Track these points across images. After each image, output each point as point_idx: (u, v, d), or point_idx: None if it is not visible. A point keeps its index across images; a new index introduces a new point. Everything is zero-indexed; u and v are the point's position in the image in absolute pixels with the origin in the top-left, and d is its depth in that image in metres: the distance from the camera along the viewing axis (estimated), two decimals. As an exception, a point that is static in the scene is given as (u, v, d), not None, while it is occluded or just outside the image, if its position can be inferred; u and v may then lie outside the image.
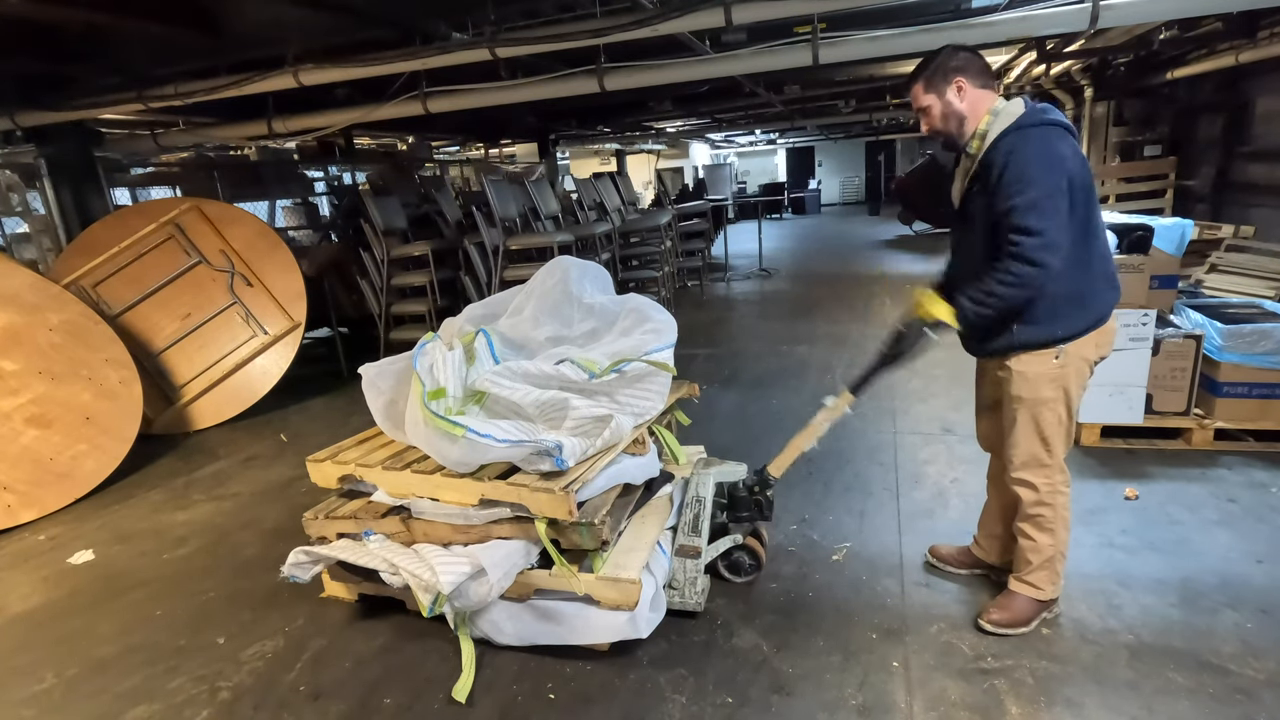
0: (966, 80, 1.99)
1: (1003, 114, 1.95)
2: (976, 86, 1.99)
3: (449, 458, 2.18)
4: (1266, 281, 4.69)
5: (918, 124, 2.16)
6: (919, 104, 2.07)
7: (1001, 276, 1.91)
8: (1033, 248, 1.86)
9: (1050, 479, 2.09)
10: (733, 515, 2.56)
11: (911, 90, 2.08)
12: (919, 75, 2.05)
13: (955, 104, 2.00)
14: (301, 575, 2.35)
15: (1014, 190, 1.87)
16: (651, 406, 2.44)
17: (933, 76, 2.02)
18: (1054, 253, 1.86)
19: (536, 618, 2.23)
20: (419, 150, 10.89)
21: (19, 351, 3.86)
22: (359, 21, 4.23)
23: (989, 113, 1.97)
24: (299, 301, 4.94)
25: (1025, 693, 1.95)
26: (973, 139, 2.00)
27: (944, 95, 2.01)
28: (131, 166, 7.60)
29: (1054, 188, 1.85)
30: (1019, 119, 1.91)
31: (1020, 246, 1.87)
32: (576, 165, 17.05)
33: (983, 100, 2.00)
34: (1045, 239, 1.85)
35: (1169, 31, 5.92)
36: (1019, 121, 1.91)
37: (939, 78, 2.01)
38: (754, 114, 10.66)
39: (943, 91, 2.01)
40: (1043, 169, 1.85)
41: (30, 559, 3.19)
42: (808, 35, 4.07)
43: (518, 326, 2.57)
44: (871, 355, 2.23)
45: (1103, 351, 2.06)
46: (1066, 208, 1.87)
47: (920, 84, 2.05)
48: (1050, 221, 1.85)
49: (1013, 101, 1.97)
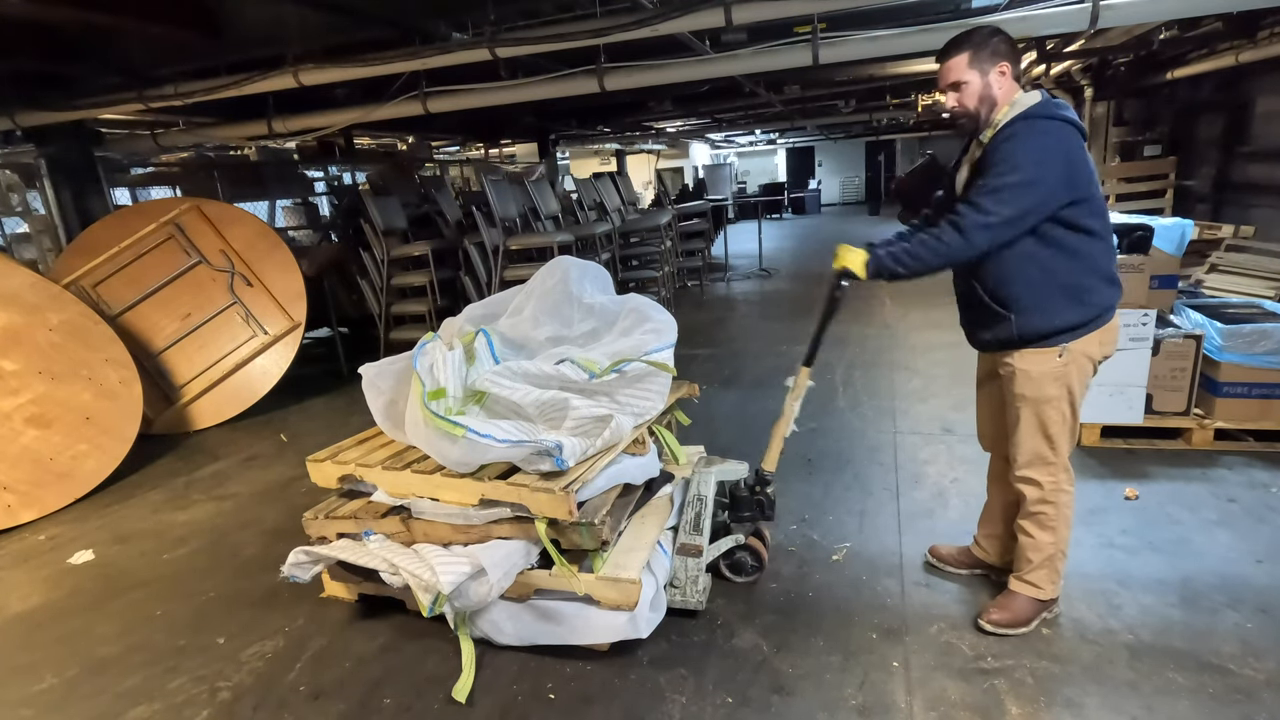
0: (1009, 67, 1.96)
1: (1019, 104, 1.94)
2: (1012, 75, 1.97)
3: (449, 458, 2.18)
4: (1266, 281, 4.69)
5: (918, 124, 2.16)
6: (957, 77, 1.96)
7: (926, 238, 1.94)
8: (972, 224, 1.87)
9: (1054, 477, 2.09)
10: (734, 515, 2.55)
11: (949, 61, 1.97)
12: (964, 46, 1.95)
13: (994, 87, 1.95)
14: (301, 575, 2.35)
15: (994, 172, 1.87)
16: (652, 406, 2.44)
17: (979, 51, 1.94)
18: (989, 236, 1.88)
19: (536, 618, 2.23)
20: (419, 150, 10.89)
21: (19, 351, 3.86)
22: (359, 21, 4.23)
23: (1009, 104, 1.96)
24: (299, 301, 4.94)
25: (1025, 693, 1.95)
26: (989, 127, 1.98)
27: (987, 75, 1.95)
28: (131, 166, 7.60)
29: (1032, 180, 1.84)
30: (1030, 108, 1.90)
31: (962, 218, 1.88)
32: (576, 165, 17.04)
33: (1012, 90, 1.98)
34: (988, 220, 1.86)
35: (1169, 31, 5.92)
36: (1029, 111, 1.90)
37: (986, 56, 1.93)
38: (754, 114, 10.66)
39: (987, 71, 1.94)
40: (1032, 160, 1.84)
41: (30, 559, 3.19)
42: (808, 35, 4.07)
43: (518, 326, 2.57)
44: (815, 326, 2.29)
45: (1106, 350, 2.05)
46: (1035, 203, 1.86)
47: (965, 55, 1.94)
48: (1005, 209, 1.85)
49: (1031, 94, 1.95)
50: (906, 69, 7.33)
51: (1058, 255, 1.94)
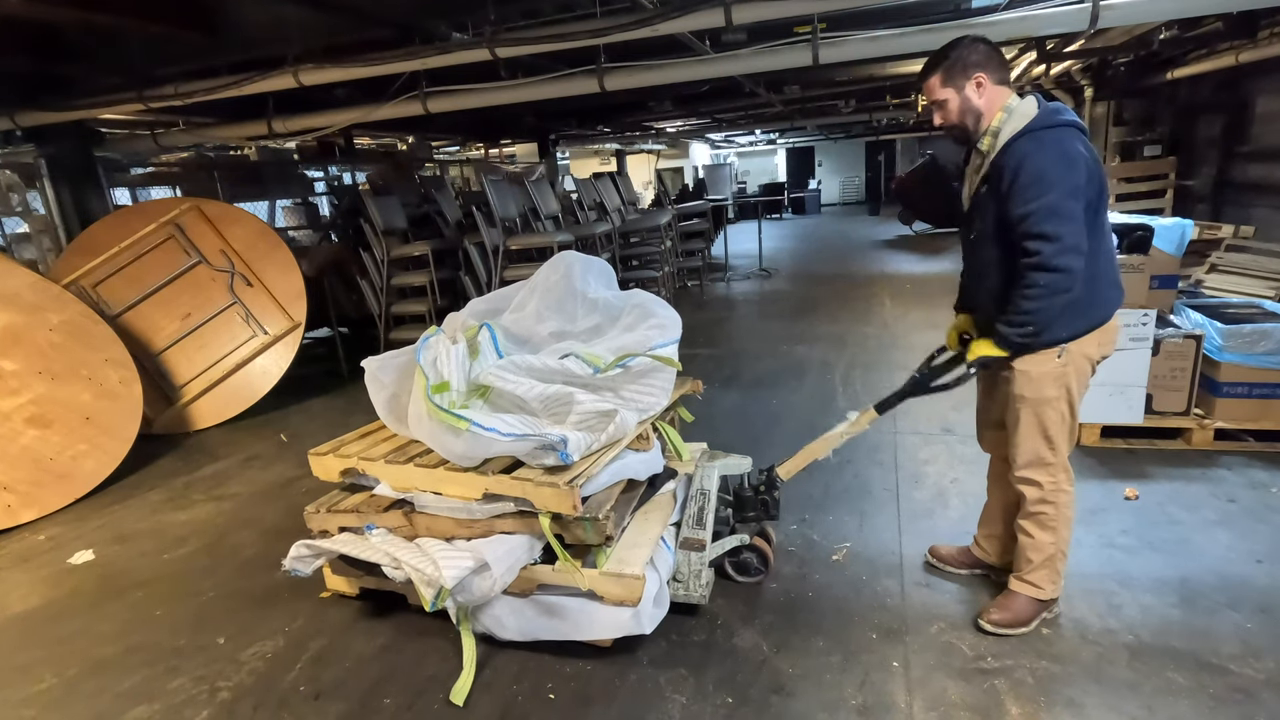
0: (986, 76, 1.94)
1: (1016, 113, 1.92)
2: (994, 82, 1.95)
3: (453, 451, 2.17)
4: (1266, 281, 4.69)
5: (918, 124, 2.17)
6: (935, 97, 2.00)
7: (1028, 291, 1.89)
8: (1052, 254, 1.83)
9: (1054, 477, 2.09)
10: (739, 515, 2.55)
11: (927, 82, 2.02)
12: (936, 67, 1.99)
13: (973, 100, 1.96)
14: (303, 569, 2.34)
15: (1030, 195, 1.84)
16: (656, 402, 2.43)
17: (951, 70, 1.96)
18: (1075, 255, 1.84)
19: (539, 613, 2.22)
20: (419, 150, 10.90)
21: (19, 351, 3.85)
22: (359, 21, 4.24)
23: (1003, 109, 1.94)
24: (299, 301, 4.94)
25: (1025, 693, 1.95)
26: (985, 135, 1.97)
27: (963, 90, 1.96)
28: (131, 166, 7.60)
29: (1071, 189, 1.83)
30: (1031, 121, 1.88)
31: (1041, 255, 1.84)
32: (576, 165, 17.05)
33: (999, 96, 1.96)
34: (1064, 243, 1.82)
35: (1169, 31, 5.92)
36: (1031, 125, 1.87)
37: (958, 71, 1.95)
38: (754, 114, 10.66)
39: (961, 86, 1.96)
40: (1059, 171, 1.82)
41: (30, 559, 3.19)
42: (808, 35, 4.07)
43: (521, 321, 2.55)
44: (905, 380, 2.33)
45: (1105, 350, 2.05)
46: (1082, 209, 1.85)
47: (938, 76, 1.98)
48: (1067, 225, 1.82)
49: (1025, 100, 1.93)
50: (906, 69, 7.33)
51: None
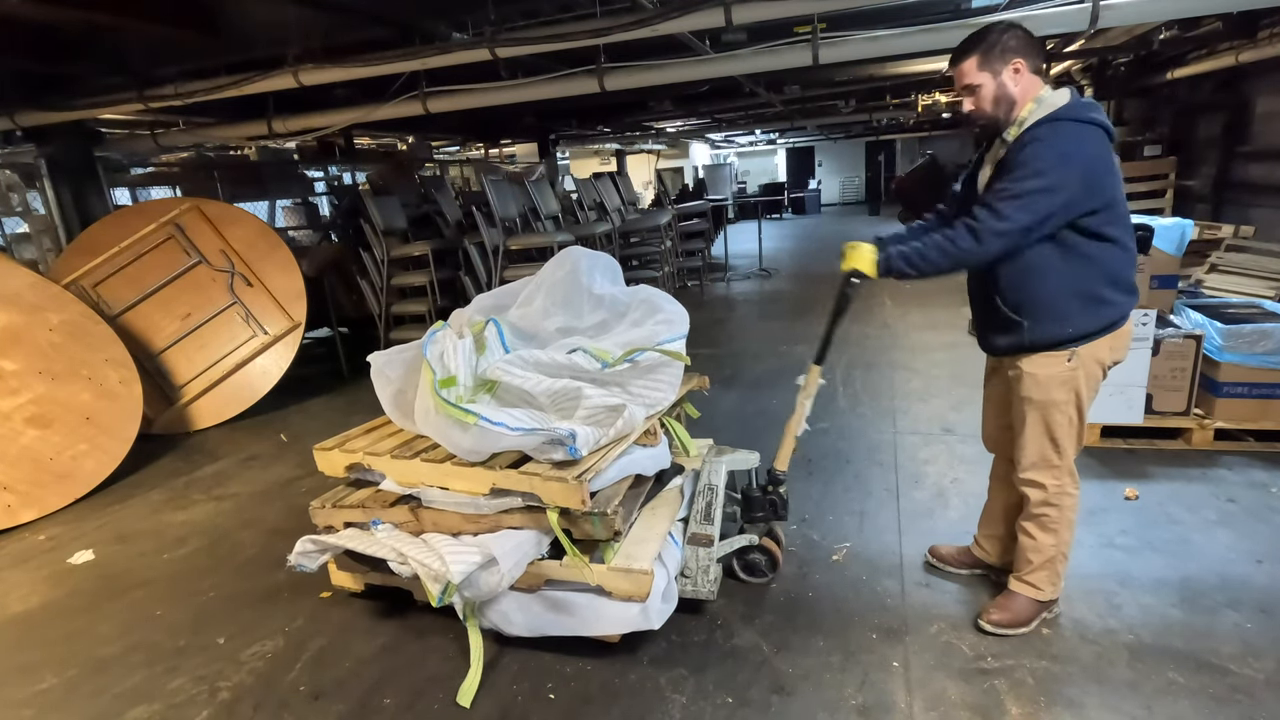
0: (1024, 63, 1.87)
1: (1045, 103, 1.87)
2: (1030, 70, 1.88)
3: (460, 446, 2.16)
4: (1266, 281, 4.69)
5: (918, 124, 2.14)
6: (969, 81, 1.92)
7: (940, 239, 1.90)
8: (988, 229, 1.84)
9: (1059, 480, 2.07)
10: (747, 515, 2.55)
11: (961, 65, 1.93)
12: (973, 50, 1.90)
13: (1010, 87, 1.89)
14: (308, 564, 2.34)
15: (1015, 175, 1.82)
16: (663, 397, 2.43)
17: (990, 53, 1.88)
18: (1003, 242, 1.84)
19: (547, 608, 2.20)
20: (419, 150, 10.89)
21: (19, 351, 3.85)
22: (359, 21, 4.23)
23: (1034, 100, 1.89)
24: (299, 301, 4.94)
25: (1025, 693, 1.95)
26: (1013, 125, 1.91)
27: (999, 75, 1.89)
28: (131, 166, 7.60)
29: (1053, 186, 1.79)
30: (1059, 109, 1.84)
31: (979, 222, 1.85)
32: (576, 165, 17.04)
33: (1033, 86, 1.90)
34: (1004, 226, 1.82)
35: (1169, 31, 5.93)
36: (1057, 113, 1.83)
37: (996, 56, 1.87)
38: (754, 114, 10.66)
39: (999, 71, 1.88)
40: (1055, 165, 1.79)
41: (30, 559, 3.19)
42: (808, 35, 4.07)
43: (528, 317, 2.52)
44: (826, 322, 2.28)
45: (1117, 355, 2.02)
46: (1056, 209, 1.81)
47: (974, 59, 1.90)
48: (1023, 216, 1.81)
49: (1059, 92, 1.88)
50: (906, 69, 7.33)
51: (1075, 263, 1.89)
